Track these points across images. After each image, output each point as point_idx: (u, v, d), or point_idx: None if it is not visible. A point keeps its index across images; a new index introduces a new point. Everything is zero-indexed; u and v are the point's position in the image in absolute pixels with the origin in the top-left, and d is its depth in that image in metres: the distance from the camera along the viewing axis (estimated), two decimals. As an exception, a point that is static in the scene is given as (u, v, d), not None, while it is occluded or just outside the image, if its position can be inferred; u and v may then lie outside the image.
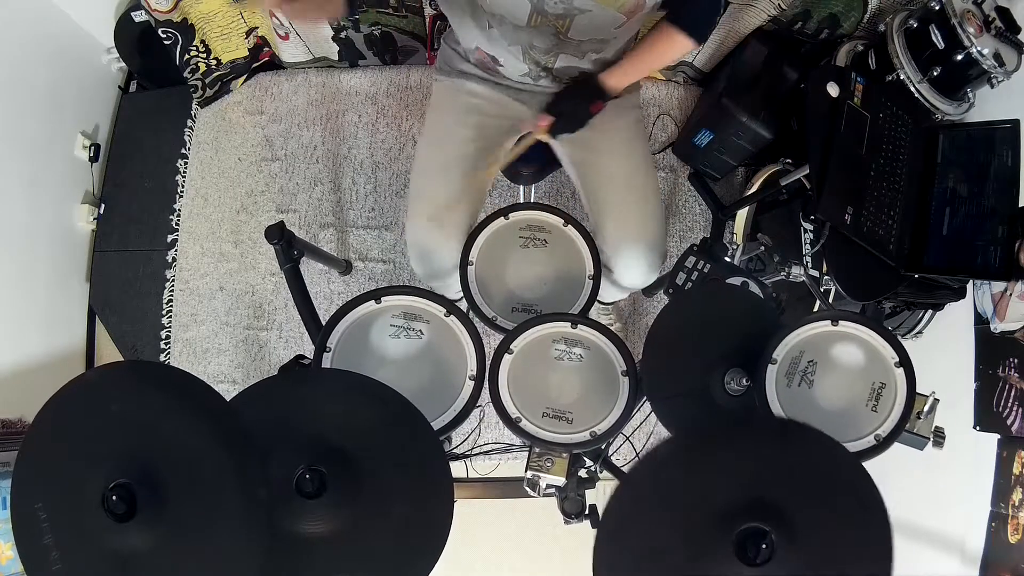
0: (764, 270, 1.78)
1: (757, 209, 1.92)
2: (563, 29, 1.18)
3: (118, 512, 0.69)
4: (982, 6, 1.45)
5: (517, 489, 1.22)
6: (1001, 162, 1.31)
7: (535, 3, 1.12)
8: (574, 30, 1.18)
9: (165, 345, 2.16)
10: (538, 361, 1.12)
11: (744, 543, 0.74)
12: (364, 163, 2.21)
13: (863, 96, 1.40)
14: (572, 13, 1.14)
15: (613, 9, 1.13)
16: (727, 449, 0.85)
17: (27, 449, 0.77)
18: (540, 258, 1.25)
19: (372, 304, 1.15)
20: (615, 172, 1.38)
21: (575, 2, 1.11)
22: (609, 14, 1.15)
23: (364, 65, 2.27)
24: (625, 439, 1.39)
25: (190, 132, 2.29)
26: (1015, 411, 1.32)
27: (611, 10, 1.13)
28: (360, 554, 0.86)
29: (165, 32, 2.01)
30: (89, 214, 2.19)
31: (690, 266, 1.27)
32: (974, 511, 1.34)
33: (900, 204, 1.38)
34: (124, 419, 0.76)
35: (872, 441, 1.00)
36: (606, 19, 1.16)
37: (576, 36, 1.20)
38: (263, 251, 2.16)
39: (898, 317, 1.64)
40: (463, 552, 2.01)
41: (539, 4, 1.12)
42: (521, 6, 1.13)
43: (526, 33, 1.20)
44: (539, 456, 1.08)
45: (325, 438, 0.89)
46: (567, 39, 1.21)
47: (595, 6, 1.12)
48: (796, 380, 1.04)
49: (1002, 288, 1.39)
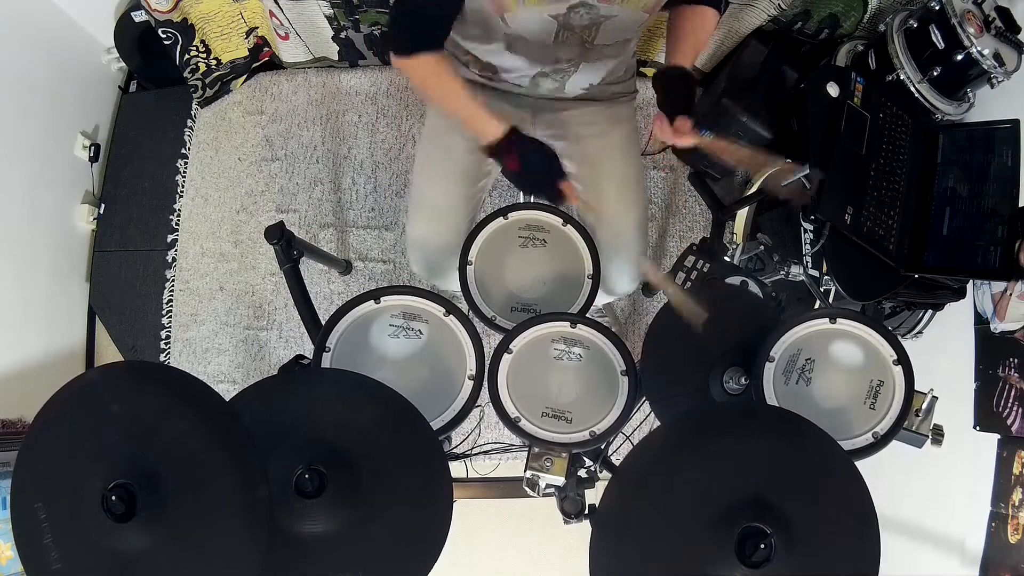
0: (764, 270, 1.78)
1: (757, 209, 1.92)
2: (589, 38, 1.18)
3: (118, 512, 0.70)
4: (982, 6, 1.45)
5: (517, 489, 1.22)
6: (1001, 162, 1.31)
7: (562, 20, 1.11)
8: (600, 36, 1.18)
9: (165, 345, 2.16)
10: (537, 361, 1.12)
11: (744, 543, 0.74)
12: (364, 163, 2.21)
13: (863, 96, 1.40)
14: (599, 21, 1.13)
15: (638, 9, 1.12)
16: (720, 442, 0.85)
17: (27, 449, 0.77)
18: (539, 258, 1.25)
19: (371, 304, 1.15)
20: (610, 187, 1.39)
21: (601, 11, 1.10)
22: (635, 15, 1.14)
23: (364, 65, 2.27)
24: (625, 439, 1.39)
25: (190, 132, 2.29)
26: (1015, 411, 1.32)
27: (636, 10, 1.12)
28: (360, 554, 0.86)
29: (165, 32, 2.01)
30: (89, 214, 2.20)
31: (690, 265, 1.27)
32: (974, 511, 1.34)
33: (900, 204, 1.38)
34: (124, 419, 0.76)
35: (870, 439, 1.00)
36: (631, 20, 1.15)
37: (602, 42, 1.19)
38: (263, 251, 2.16)
39: (898, 317, 1.64)
40: (463, 552, 2.01)
41: (566, 20, 1.11)
42: (548, 26, 1.12)
43: (551, 49, 1.20)
44: (538, 456, 1.07)
45: (325, 438, 0.89)
46: (593, 46, 1.20)
47: (620, 10, 1.10)
48: (794, 378, 1.04)
49: (1002, 288, 1.38)
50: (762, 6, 1.76)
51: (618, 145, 1.41)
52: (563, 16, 1.10)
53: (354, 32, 2.08)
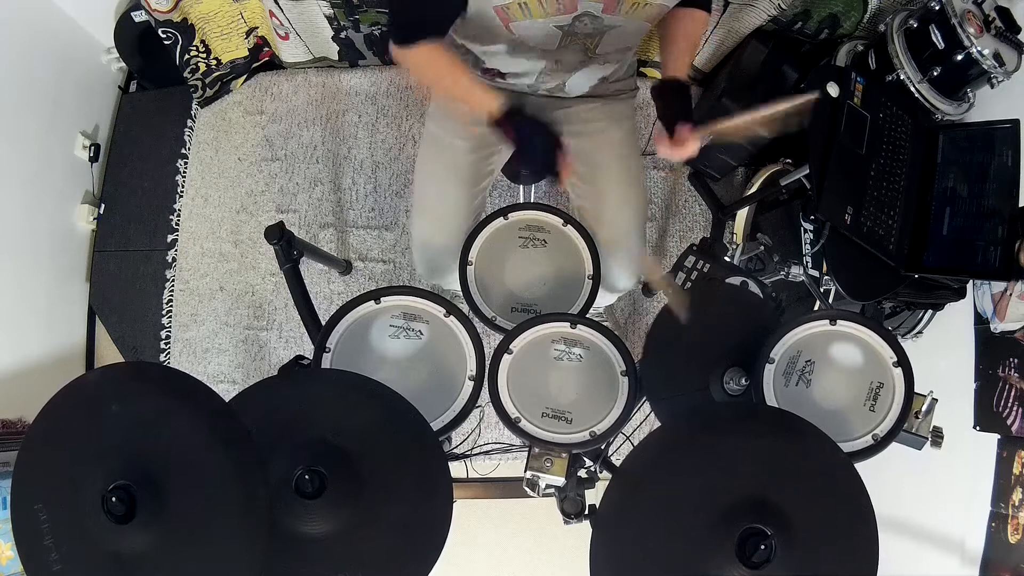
0: (764, 270, 1.78)
1: (757, 209, 1.92)
2: (592, 46, 1.19)
3: (118, 513, 0.70)
4: (982, 6, 1.45)
5: (517, 489, 1.22)
6: (1001, 162, 1.31)
7: (566, 28, 1.12)
8: (603, 45, 1.19)
9: (165, 345, 2.16)
10: (537, 361, 1.12)
11: (744, 544, 0.74)
12: (364, 163, 2.21)
13: (863, 96, 1.40)
14: (603, 31, 1.14)
15: (642, 20, 1.13)
16: (720, 443, 0.85)
17: (27, 449, 0.77)
18: (539, 258, 1.25)
19: (372, 304, 1.15)
20: (609, 184, 1.39)
21: (605, 21, 1.10)
22: (638, 25, 1.15)
23: (364, 65, 2.27)
24: (625, 439, 1.39)
25: (190, 132, 2.29)
26: (1015, 411, 1.32)
27: (640, 21, 1.13)
28: (360, 554, 0.86)
29: (165, 32, 2.01)
30: (89, 214, 2.20)
31: (690, 266, 1.27)
32: (974, 511, 1.34)
33: (900, 204, 1.38)
34: (124, 420, 0.76)
35: (870, 441, 1.00)
36: (634, 30, 1.17)
37: (604, 50, 1.21)
38: (263, 251, 2.16)
39: (898, 317, 1.64)
40: (463, 552, 2.01)
41: (570, 28, 1.12)
42: (551, 34, 1.13)
43: (553, 54, 1.20)
44: (539, 456, 1.08)
45: (325, 438, 0.89)
46: (595, 54, 1.22)
47: (625, 21, 1.11)
48: (794, 379, 1.04)
49: (1002, 288, 1.38)
50: (762, 6, 1.76)
51: (618, 143, 1.41)
52: (568, 26, 1.11)
53: (354, 32, 2.08)
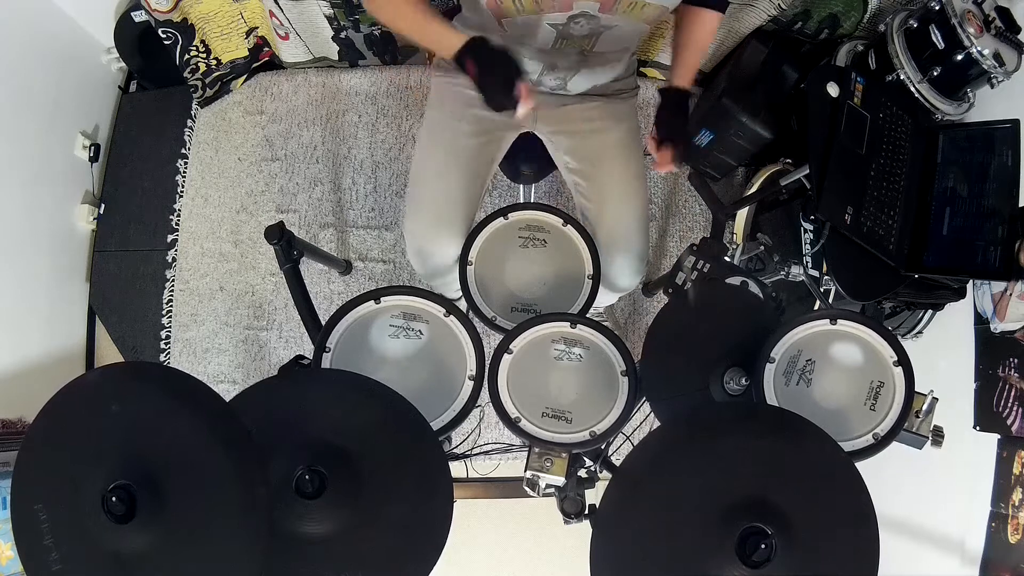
0: (764, 270, 1.78)
1: (757, 209, 1.92)
2: (588, 47, 1.18)
3: (118, 513, 0.70)
4: (982, 6, 1.45)
5: (517, 489, 1.22)
6: (1001, 162, 1.31)
7: (561, 30, 1.11)
8: (599, 46, 1.18)
9: (165, 345, 2.16)
10: (537, 361, 1.12)
11: (744, 543, 0.74)
12: (364, 163, 2.21)
13: (863, 96, 1.40)
14: (598, 31, 1.13)
15: (639, 21, 1.13)
16: (720, 442, 0.85)
17: (27, 449, 0.77)
18: (539, 258, 1.25)
19: (372, 304, 1.15)
20: (611, 183, 1.39)
21: (601, 21, 1.10)
22: (635, 26, 1.15)
23: (364, 65, 2.27)
24: (625, 439, 1.39)
25: (190, 132, 2.29)
26: (1015, 411, 1.32)
27: (638, 22, 1.13)
28: (360, 554, 0.86)
29: (165, 32, 2.01)
30: (89, 214, 2.19)
31: (690, 266, 1.27)
32: (974, 511, 1.34)
33: (900, 204, 1.38)
34: (124, 420, 0.76)
35: (870, 440, 1.00)
36: (632, 30, 1.16)
37: (601, 50, 1.20)
38: (263, 251, 2.16)
39: (898, 317, 1.64)
40: (463, 552, 2.01)
41: (565, 30, 1.11)
42: (546, 34, 1.13)
43: (549, 55, 1.20)
44: (539, 456, 1.07)
45: (325, 438, 0.89)
46: (591, 54, 1.21)
47: (622, 20, 1.11)
48: (794, 379, 1.04)
49: (1002, 288, 1.38)
50: (762, 6, 1.76)
51: (620, 142, 1.41)
52: (563, 26, 1.10)
53: (354, 32, 2.08)
